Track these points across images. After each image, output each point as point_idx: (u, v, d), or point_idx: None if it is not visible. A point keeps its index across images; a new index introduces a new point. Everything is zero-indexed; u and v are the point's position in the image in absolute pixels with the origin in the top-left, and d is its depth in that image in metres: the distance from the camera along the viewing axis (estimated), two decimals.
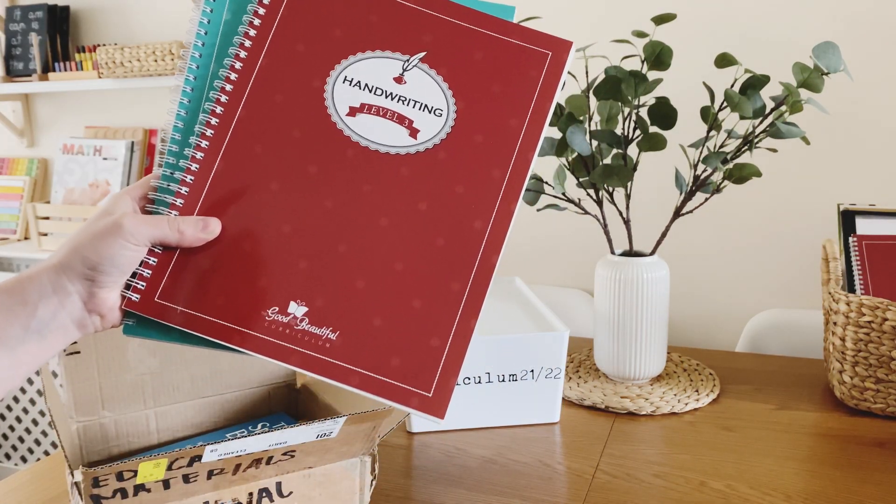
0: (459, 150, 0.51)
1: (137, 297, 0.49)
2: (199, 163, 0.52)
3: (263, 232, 0.50)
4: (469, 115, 0.52)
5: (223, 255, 0.50)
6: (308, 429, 0.56)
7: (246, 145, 0.52)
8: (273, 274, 0.49)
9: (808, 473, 0.81)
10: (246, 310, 0.48)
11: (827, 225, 1.34)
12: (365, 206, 0.50)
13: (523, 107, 0.53)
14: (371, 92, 0.52)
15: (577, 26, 1.48)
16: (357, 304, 0.49)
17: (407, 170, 0.50)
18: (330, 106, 0.52)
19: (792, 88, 0.90)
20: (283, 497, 0.63)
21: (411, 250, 0.50)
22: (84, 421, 0.72)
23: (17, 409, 2.14)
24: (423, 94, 0.52)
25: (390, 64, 0.53)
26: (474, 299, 0.49)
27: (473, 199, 0.51)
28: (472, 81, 0.53)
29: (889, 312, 0.90)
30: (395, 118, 0.52)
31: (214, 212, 0.51)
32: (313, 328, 0.48)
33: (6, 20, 2.06)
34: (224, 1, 0.56)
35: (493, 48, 0.54)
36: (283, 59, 0.53)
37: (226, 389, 0.80)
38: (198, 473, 0.56)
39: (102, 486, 0.52)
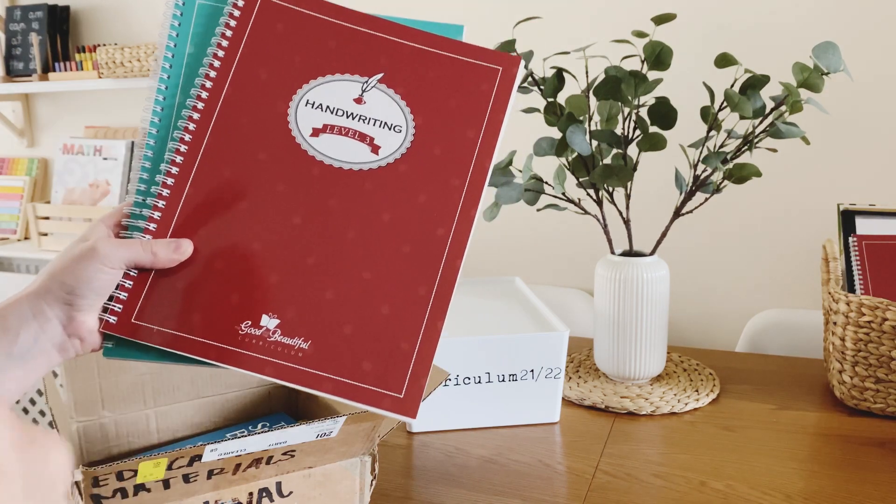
0: (419, 162, 0.54)
1: (114, 318, 0.51)
2: (169, 188, 0.54)
3: (234, 250, 0.52)
4: (427, 130, 0.55)
5: (196, 275, 0.52)
6: (308, 428, 0.56)
7: (214, 169, 0.54)
8: (245, 290, 0.51)
9: (808, 473, 0.81)
10: (220, 326, 0.50)
11: (827, 225, 1.34)
12: (331, 220, 0.53)
13: (478, 119, 0.56)
14: (332, 113, 0.55)
15: (577, 26, 1.48)
16: (327, 313, 0.51)
17: (370, 184, 0.53)
18: (294, 128, 0.55)
19: (792, 88, 0.90)
20: (283, 497, 0.63)
21: (378, 259, 0.52)
22: (84, 421, 0.72)
23: (17, 409, 2.14)
24: (382, 113, 0.55)
25: (350, 86, 0.56)
26: (440, 302, 0.51)
27: (435, 207, 0.53)
28: (428, 98, 0.56)
29: (889, 312, 0.90)
30: (356, 136, 0.55)
31: (186, 233, 0.53)
32: (286, 339, 0.49)
33: (6, 20, 2.06)
34: (186, 35, 0.58)
35: (446, 66, 0.58)
36: (248, 87, 0.56)
37: (226, 389, 0.80)
38: (198, 473, 0.56)
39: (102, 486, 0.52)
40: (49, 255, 1.95)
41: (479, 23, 1.57)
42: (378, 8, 1.71)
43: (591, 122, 0.99)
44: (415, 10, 1.63)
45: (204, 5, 0.59)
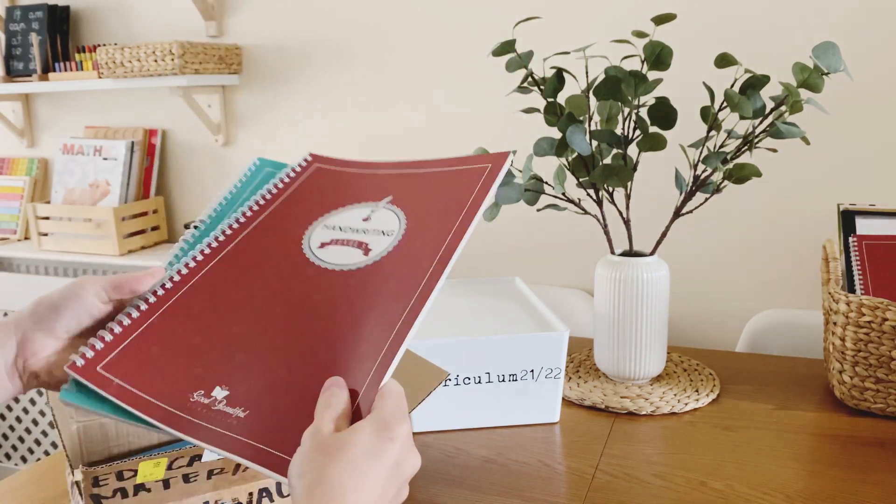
0: (400, 255, 0.58)
1: (82, 362, 0.52)
2: (180, 274, 0.60)
3: (216, 330, 0.56)
4: (415, 229, 0.60)
5: (173, 345, 0.55)
6: None
7: (224, 269, 0.60)
8: (211, 364, 0.54)
9: (808, 473, 0.81)
10: (175, 391, 0.52)
11: (827, 225, 1.34)
12: (310, 310, 0.56)
13: (460, 207, 0.60)
14: (342, 230, 0.62)
15: (578, 26, 1.48)
16: (275, 389, 0.52)
17: (354, 280, 0.57)
18: (305, 244, 0.61)
19: (792, 88, 0.90)
20: (283, 497, 0.63)
21: (337, 342, 0.54)
22: (84, 421, 0.72)
23: (18, 409, 2.14)
24: (382, 224, 0.61)
25: (362, 210, 0.63)
26: (381, 371, 0.53)
27: (401, 288, 0.56)
28: (421, 204, 0.62)
29: (889, 312, 0.90)
30: (354, 244, 0.60)
31: (182, 309, 0.58)
32: (227, 408, 0.51)
33: (6, 20, 2.06)
34: (248, 188, 0.67)
35: (442, 178, 0.64)
36: (277, 217, 0.64)
37: None
38: (198, 473, 0.56)
39: (102, 486, 0.52)
40: (49, 255, 1.94)
41: (480, 23, 1.57)
42: (379, 9, 1.71)
43: (591, 122, 0.99)
44: (415, 11, 1.63)
45: (272, 173, 0.68)
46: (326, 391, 0.47)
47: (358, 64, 1.72)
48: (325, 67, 1.75)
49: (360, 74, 1.72)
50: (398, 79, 1.68)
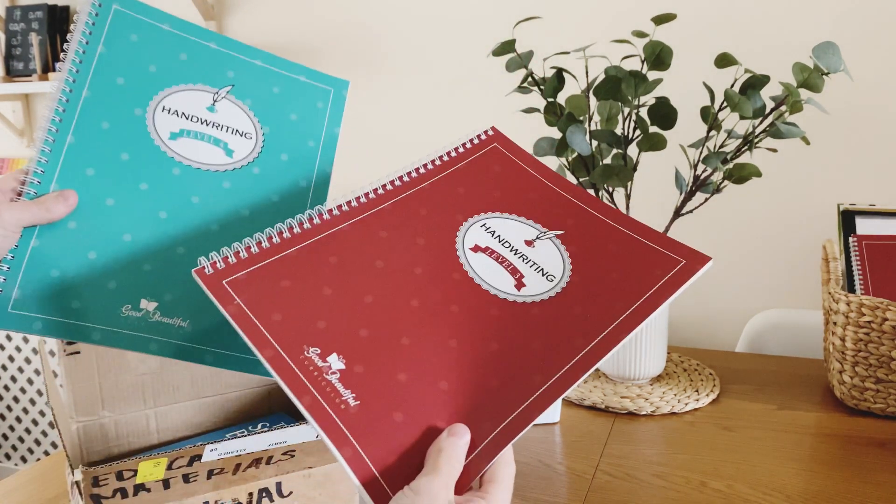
0: (556, 316, 0.53)
1: (211, 270, 0.51)
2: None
3: (348, 292, 0.52)
4: (578, 289, 0.55)
5: (304, 286, 0.52)
6: (308, 428, 0.56)
7: (371, 230, 0.57)
8: (335, 325, 0.50)
9: (808, 473, 0.81)
10: (294, 336, 0.49)
11: (827, 225, 1.34)
12: (446, 320, 0.51)
13: (636, 296, 0.55)
14: (500, 242, 0.57)
15: (578, 26, 1.48)
16: (396, 391, 0.48)
17: (497, 312, 0.53)
18: (459, 239, 0.57)
19: (792, 88, 0.90)
20: (283, 497, 0.63)
21: (465, 376, 0.50)
22: (84, 421, 0.72)
23: (18, 409, 2.14)
24: (545, 262, 0.56)
25: (527, 228, 0.58)
26: (506, 436, 0.49)
27: (549, 355, 0.54)
28: (595, 261, 0.57)
29: (889, 312, 0.90)
30: (508, 268, 0.56)
31: (322, 252, 0.54)
32: (339, 385, 0.47)
33: (6, 20, 2.06)
34: (100, 35, 0.63)
35: (629, 243, 0.59)
36: (442, 192, 0.60)
37: (226, 389, 0.80)
38: (198, 473, 0.56)
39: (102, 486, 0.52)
40: None
41: (480, 23, 1.57)
42: (379, 9, 1.71)
43: (591, 122, 0.99)
44: (414, 11, 1.63)
45: (120, 12, 0.64)
46: (458, 440, 0.43)
47: (357, 64, 1.72)
48: (325, 67, 1.75)
49: (359, 74, 1.72)
50: (398, 79, 1.68)
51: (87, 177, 0.60)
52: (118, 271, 0.60)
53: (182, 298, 0.62)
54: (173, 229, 0.62)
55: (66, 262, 0.59)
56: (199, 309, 0.62)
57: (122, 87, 0.63)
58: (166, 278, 0.62)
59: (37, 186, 0.58)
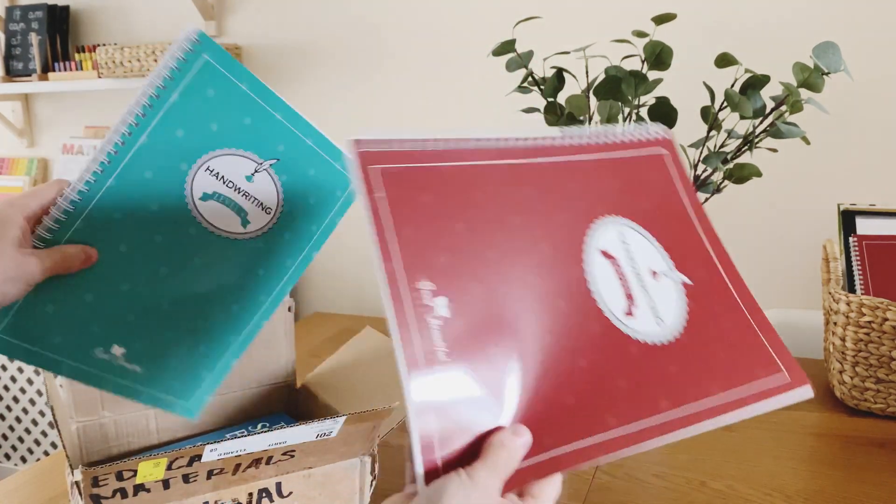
0: (690, 347, 0.51)
1: (363, 149, 0.46)
2: None
3: (477, 235, 0.49)
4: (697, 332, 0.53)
5: (442, 207, 0.47)
6: (308, 428, 0.56)
7: (514, 181, 0.53)
8: (453, 265, 0.46)
9: (808, 473, 0.81)
10: (416, 261, 0.45)
11: (827, 225, 1.34)
12: (561, 333, 0.49)
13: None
14: (630, 260, 0.53)
15: (578, 26, 1.48)
16: (488, 361, 0.46)
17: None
18: (588, 240, 0.52)
19: (792, 88, 0.90)
20: (283, 497, 0.63)
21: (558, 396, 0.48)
22: (84, 421, 0.72)
23: (17, 409, 2.14)
24: (663, 297, 0.52)
25: (658, 259, 0.54)
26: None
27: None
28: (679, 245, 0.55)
29: (889, 312, 0.90)
30: (623, 294, 0.52)
31: (469, 181, 0.49)
32: (437, 334, 0.44)
33: (6, 20, 2.06)
34: (179, 83, 0.60)
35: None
36: (590, 174, 0.55)
37: (226, 389, 0.80)
38: (197, 473, 0.56)
39: (102, 486, 0.52)
40: None
41: (480, 23, 1.57)
42: (379, 9, 1.70)
43: (591, 122, 0.99)
44: (414, 11, 1.63)
45: (209, 64, 0.61)
46: (520, 441, 0.42)
47: (357, 64, 1.72)
48: (325, 67, 1.75)
49: (359, 74, 1.72)
50: (397, 79, 1.68)
51: (113, 220, 0.60)
52: (105, 317, 0.61)
53: (148, 347, 0.64)
54: (167, 286, 0.63)
55: (63, 299, 0.59)
56: (155, 356, 0.64)
57: (179, 140, 0.61)
58: (143, 329, 0.63)
59: (62, 222, 0.58)
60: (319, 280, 1.83)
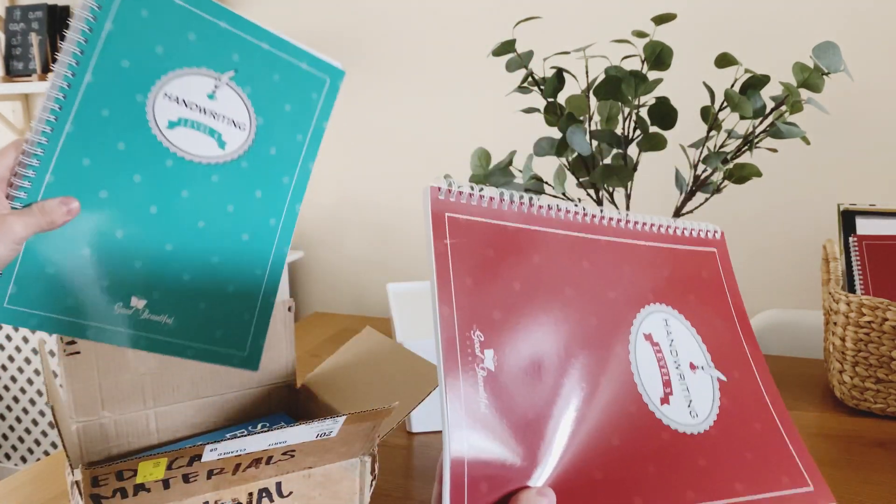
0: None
1: (443, 197, 0.47)
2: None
3: (530, 282, 0.50)
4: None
5: (492, 252, 0.49)
6: (307, 428, 0.56)
7: (569, 251, 0.54)
8: (499, 313, 0.48)
9: None
10: (473, 311, 0.47)
11: (827, 225, 1.34)
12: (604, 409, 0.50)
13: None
14: (672, 355, 0.54)
15: (578, 26, 1.48)
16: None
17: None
18: (635, 326, 0.54)
19: (792, 88, 0.90)
20: (283, 497, 0.63)
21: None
22: (83, 421, 0.72)
23: (17, 409, 2.14)
24: (700, 390, 0.53)
25: (697, 354, 0.55)
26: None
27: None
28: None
29: (889, 312, 0.90)
30: (667, 384, 0.53)
31: (526, 244, 0.51)
32: (481, 385, 0.45)
33: (6, 20, 2.06)
34: (106, 15, 0.58)
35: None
36: (642, 259, 0.57)
37: (226, 389, 0.80)
38: (197, 473, 0.56)
39: (102, 486, 0.52)
40: None
41: (480, 23, 1.57)
42: (378, 9, 1.71)
43: (591, 122, 0.99)
44: (414, 11, 1.63)
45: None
46: (545, 499, 0.42)
47: (356, 64, 1.72)
48: None
49: (358, 75, 1.72)
50: (397, 79, 1.68)
51: (82, 167, 0.58)
52: (111, 269, 0.60)
53: (169, 296, 0.62)
54: (162, 225, 0.62)
55: (60, 258, 0.58)
56: (184, 306, 0.63)
57: (126, 71, 0.59)
58: (155, 276, 0.61)
59: (31, 178, 0.57)
60: (319, 280, 1.83)
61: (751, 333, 0.59)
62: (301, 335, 1.39)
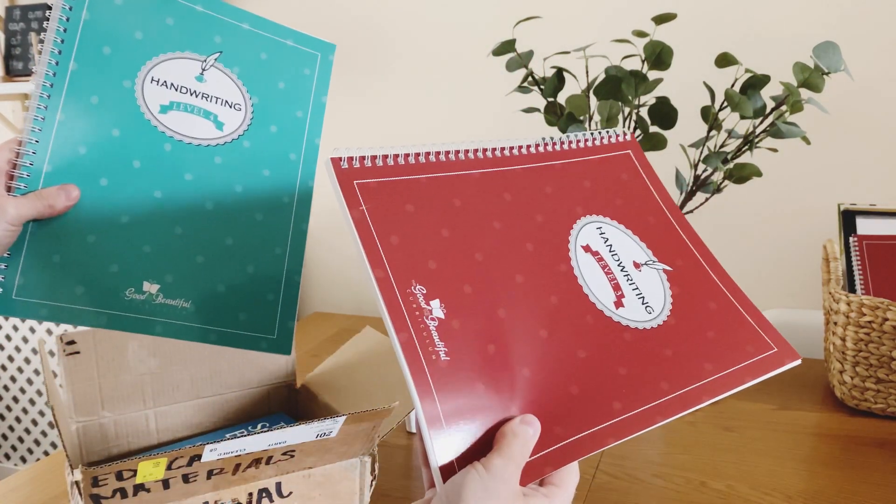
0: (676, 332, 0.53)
1: (346, 166, 0.48)
2: None
3: (465, 239, 0.51)
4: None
5: (428, 216, 0.50)
6: (307, 428, 0.56)
7: (498, 183, 0.55)
8: (445, 268, 0.48)
9: (808, 473, 0.81)
10: (406, 264, 0.47)
11: (827, 225, 1.34)
12: (548, 316, 0.51)
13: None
14: (612, 252, 0.55)
15: (578, 26, 1.48)
16: (488, 365, 0.48)
17: (593, 321, 0.52)
18: (573, 237, 0.55)
19: (792, 88, 0.90)
20: (283, 497, 0.63)
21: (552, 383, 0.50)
22: (83, 421, 0.72)
23: (17, 409, 2.14)
24: (647, 287, 0.54)
25: (637, 249, 0.56)
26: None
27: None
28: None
29: (889, 312, 0.90)
30: (612, 283, 0.53)
31: (450, 189, 0.52)
32: (435, 334, 0.45)
33: (6, 20, 2.06)
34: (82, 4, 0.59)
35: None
36: (567, 178, 0.58)
37: (225, 389, 0.80)
38: (197, 473, 0.56)
39: (102, 486, 0.52)
40: None
41: (480, 22, 1.57)
42: (378, 9, 1.70)
43: (591, 122, 0.99)
44: (414, 11, 1.63)
45: None
46: (531, 430, 0.43)
47: (356, 64, 1.72)
48: None
49: (357, 75, 1.72)
50: (397, 79, 1.68)
51: (79, 155, 0.58)
52: (118, 254, 0.59)
53: (183, 279, 0.61)
54: (169, 209, 0.61)
55: (65, 247, 0.58)
56: (200, 289, 0.62)
57: (108, 58, 0.60)
58: (166, 259, 0.61)
59: (29, 169, 0.57)
60: (319, 280, 1.83)
61: (683, 220, 0.60)
62: (301, 335, 1.39)
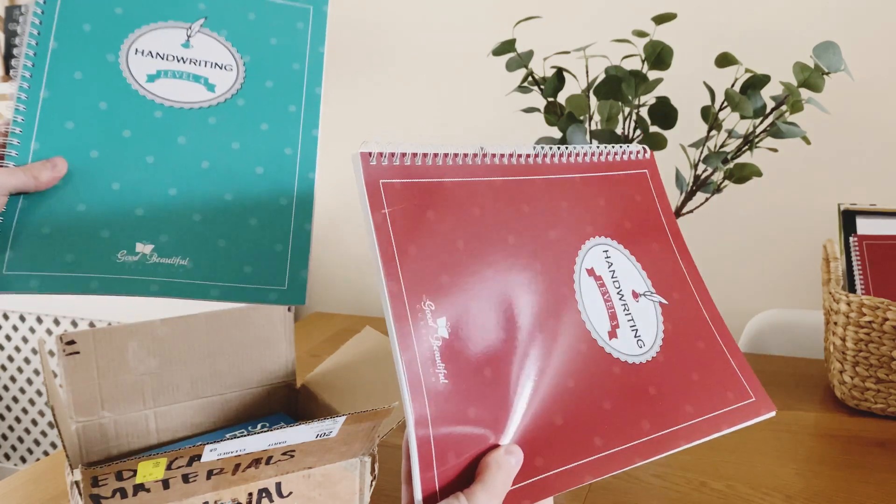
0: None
1: (375, 162, 0.46)
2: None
3: (475, 240, 0.50)
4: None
5: (443, 223, 0.48)
6: (307, 428, 0.56)
7: (510, 193, 0.54)
8: (449, 275, 0.47)
9: (808, 473, 0.81)
10: (420, 279, 0.46)
11: (827, 225, 1.34)
12: (549, 346, 0.50)
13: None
14: (614, 282, 0.54)
15: (578, 26, 1.48)
16: (481, 386, 0.47)
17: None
18: (578, 262, 0.53)
19: (793, 88, 0.90)
20: (283, 497, 0.63)
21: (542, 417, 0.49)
22: (83, 421, 0.72)
23: (17, 409, 2.14)
24: (642, 317, 0.53)
25: (639, 280, 0.55)
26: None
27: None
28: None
29: (889, 312, 0.90)
30: (609, 312, 0.52)
31: (468, 197, 0.50)
32: (437, 355, 0.44)
33: (6, 20, 2.06)
34: None
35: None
36: (581, 193, 0.57)
37: (226, 389, 0.80)
38: (197, 473, 0.56)
39: (102, 486, 0.52)
40: None
41: (480, 22, 1.57)
42: (377, 9, 1.70)
43: (591, 122, 0.99)
44: (413, 11, 1.63)
45: None
46: (513, 461, 0.42)
47: (355, 64, 1.72)
48: None
49: (357, 75, 1.72)
50: (397, 79, 1.68)
51: (67, 131, 0.59)
52: (110, 220, 0.59)
53: (180, 237, 0.61)
54: (163, 172, 0.61)
55: (55, 217, 0.58)
56: (199, 246, 0.61)
57: (89, 34, 0.60)
58: (161, 220, 0.60)
59: (17, 147, 0.57)
60: (319, 280, 1.83)
61: (685, 250, 0.59)
62: (301, 335, 1.39)
